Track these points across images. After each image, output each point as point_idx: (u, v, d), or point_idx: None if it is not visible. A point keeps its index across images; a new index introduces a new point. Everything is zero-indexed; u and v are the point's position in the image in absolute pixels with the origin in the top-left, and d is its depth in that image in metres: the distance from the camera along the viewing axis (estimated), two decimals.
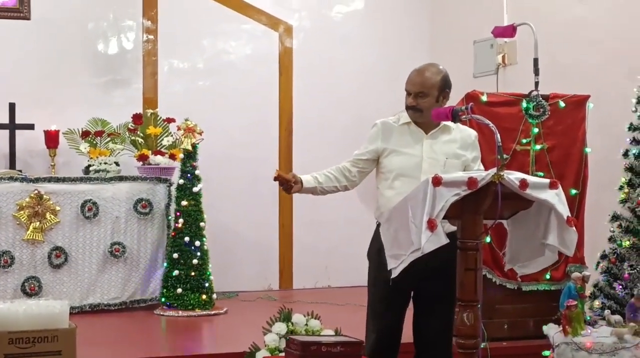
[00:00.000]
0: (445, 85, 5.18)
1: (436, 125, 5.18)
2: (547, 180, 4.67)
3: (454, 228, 4.70)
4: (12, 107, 8.61)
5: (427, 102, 5.14)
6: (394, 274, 4.60)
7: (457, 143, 5.21)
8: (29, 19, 8.99)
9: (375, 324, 5.26)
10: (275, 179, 5.19)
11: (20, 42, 9.01)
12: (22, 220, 7.85)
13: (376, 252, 5.06)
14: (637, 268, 6.47)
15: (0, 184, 7.85)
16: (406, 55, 9.99)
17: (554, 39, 8.02)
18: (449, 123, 5.15)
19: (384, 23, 10.27)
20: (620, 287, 6.53)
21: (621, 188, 6.72)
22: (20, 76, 8.93)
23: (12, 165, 8.57)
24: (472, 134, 5.29)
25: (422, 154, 5.13)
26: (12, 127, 8.62)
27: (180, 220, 8.05)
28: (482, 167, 5.28)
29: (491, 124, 4.65)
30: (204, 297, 8.04)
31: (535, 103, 6.79)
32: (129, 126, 8.69)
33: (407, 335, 5.27)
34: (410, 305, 5.26)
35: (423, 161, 5.10)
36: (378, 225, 5.10)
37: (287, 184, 5.18)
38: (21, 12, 8.98)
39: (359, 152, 5.28)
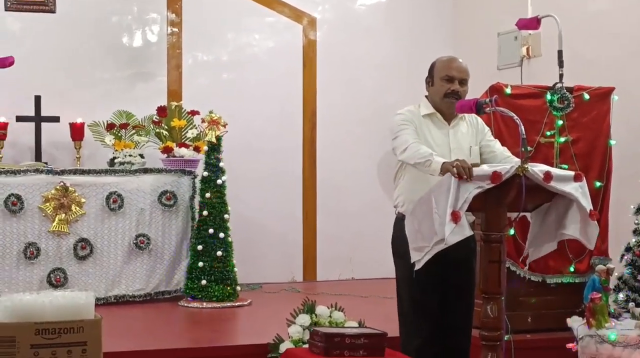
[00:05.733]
0: None
1: (455, 115, 5.19)
2: (572, 173, 4.67)
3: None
4: (37, 99, 8.67)
5: (466, 90, 5.17)
6: (418, 266, 4.62)
7: (471, 129, 5.24)
8: (54, 12, 9.04)
9: (424, 318, 5.18)
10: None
11: (45, 35, 9.06)
12: (48, 212, 7.90)
13: (406, 248, 4.86)
14: None
15: (26, 176, 7.90)
16: (429, 47, 9.95)
17: (578, 31, 7.99)
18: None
19: (407, 15, 10.25)
20: None
21: None
22: (46, 69, 8.99)
23: (38, 157, 8.63)
24: (476, 117, 5.28)
25: (449, 144, 5.13)
26: (38, 119, 8.68)
27: (205, 212, 8.08)
28: (497, 141, 5.33)
29: (515, 116, 4.65)
30: (228, 288, 8.06)
31: (559, 95, 6.77)
32: (154, 119, 8.72)
33: None
34: None
35: (451, 152, 5.09)
36: (403, 218, 5.00)
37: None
38: (47, 5, 9.02)
39: (410, 135, 5.03)
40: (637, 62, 7.65)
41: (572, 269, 6.75)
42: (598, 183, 6.78)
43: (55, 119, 8.72)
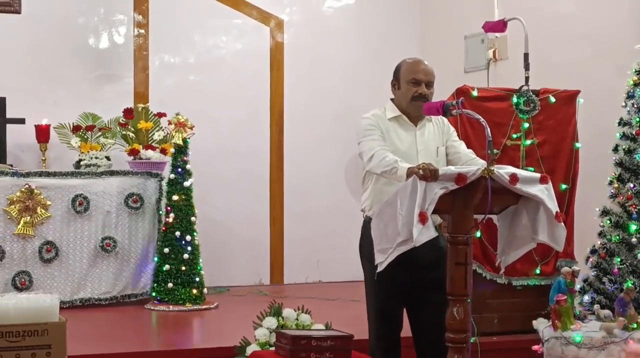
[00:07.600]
0: None
1: (421, 117, 5.20)
2: (538, 175, 4.68)
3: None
4: (2, 101, 8.60)
5: (432, 92, 5.18)
6: (380, 268, 4.61)
7: (438, 130, 5.25)
8: (19, 12, 8.95)
9: (385, 326, 5.20)
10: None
11: (11, 36, 8.99)
12: (13, 214, 7.84)
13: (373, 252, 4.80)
14: (627, 263, 6.49)
15: None
16: (397, 49, 9.96)
17: (544, 34, 8.03)
18: None
19: (374, 18, 10.27)
20: (610, 281, 6.54)
21: (611, 183, 6.74)
22: (11, 70, 8.92)
23: (3, 159, 8.56)
24: (443, 118, 5.22)
25: (416, 146, 5.13)
26: (3, 121, 8.60)
27: (171, 215, 8.05)
28: (462, 142, 5.36)
29: (482, 119, 4.66)
30: (194, 291, 8.03)
31: (525, 98, 6.80)
32: (120, 121, 8.68)
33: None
34: None
35: (418, 153, 5.10)
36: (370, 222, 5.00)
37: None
38: (12, 5, 8.92)
39: (375, 141, 5.02)
40: (603, 65, 7.70)
41: (538, 271, 6.78)
42: (564, 186, 6.82)
43: (21, 121, 8.64)
